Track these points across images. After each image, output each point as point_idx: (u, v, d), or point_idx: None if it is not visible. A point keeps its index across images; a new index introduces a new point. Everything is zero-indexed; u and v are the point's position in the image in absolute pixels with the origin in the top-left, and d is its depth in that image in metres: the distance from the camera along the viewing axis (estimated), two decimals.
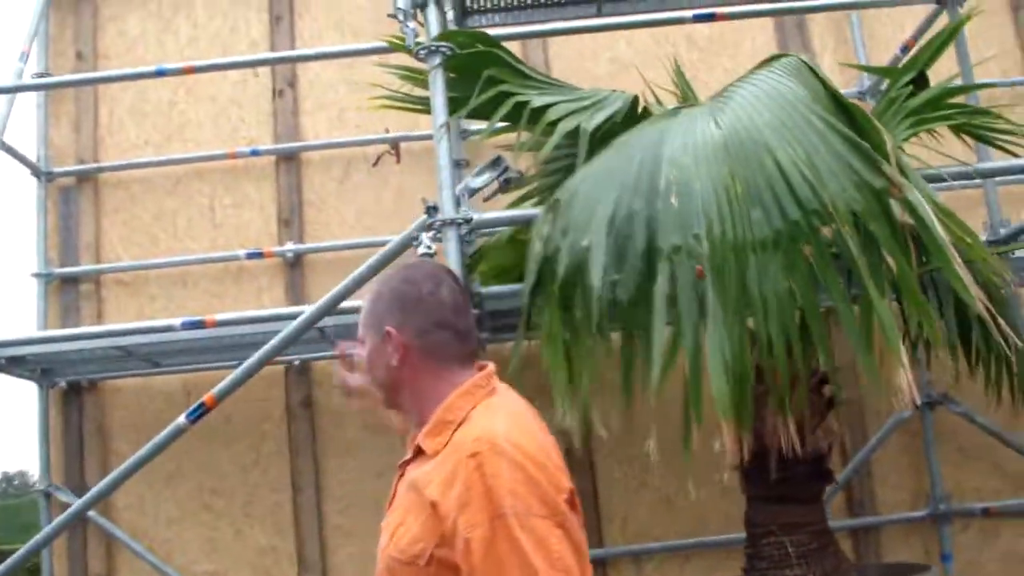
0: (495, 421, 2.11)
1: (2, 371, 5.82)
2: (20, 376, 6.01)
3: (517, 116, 4.31)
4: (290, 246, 6.30)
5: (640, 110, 4.48)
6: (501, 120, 4.35)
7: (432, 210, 4.16)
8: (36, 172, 6.37)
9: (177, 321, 5.20)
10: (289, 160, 6.48)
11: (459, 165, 5.56)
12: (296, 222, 6.38)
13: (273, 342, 4.58)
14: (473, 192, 4.19)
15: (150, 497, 6.10)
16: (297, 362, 6.16)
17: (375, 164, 6.43)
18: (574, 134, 4.21)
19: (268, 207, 6.46)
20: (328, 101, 6.58)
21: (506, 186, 4.17)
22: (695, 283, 3.09)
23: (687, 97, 4.83)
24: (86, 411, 6.26)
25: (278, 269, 6.37)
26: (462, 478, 1.99)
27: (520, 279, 4.81)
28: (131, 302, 6.36)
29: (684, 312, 3.10)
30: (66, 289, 6.37)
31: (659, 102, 4.76)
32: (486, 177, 4.15)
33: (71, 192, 6.48)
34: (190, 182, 6.50)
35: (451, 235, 4.09)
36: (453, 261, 4.14)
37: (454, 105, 4.39)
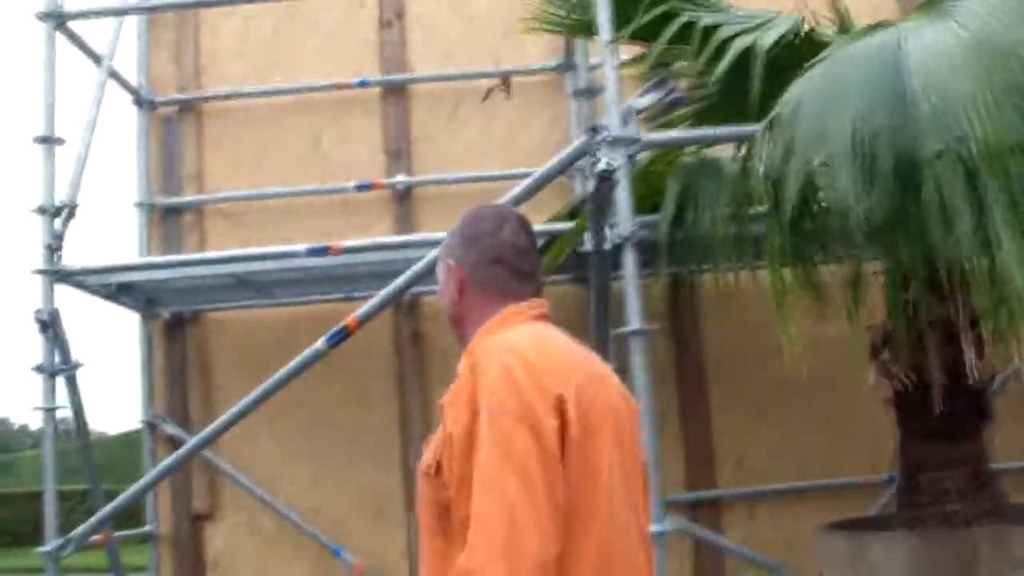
0: (512, 333, 2.14)
1: (109, 299, 5.73)
2: (124, 305, 5.91)
3: (683, 37, 4.18)
4: (401, 178, 6.17)
5: (803, 33, 4.34)
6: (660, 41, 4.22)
7: (594, 130, 4.02)
8: (139, 100, 6.25)
9: (301, 247, 5.11)
10: (397, 93, 6.35)
11: (591, 94, 5.45)
12: (405, 155, 6.26)
13: (418, 265, 4.49)
14: (638, 112, 4.07)
15: (255, 433, 5.98)
16: (407, 296, 6.05)
17: (485, 98, 6.28)
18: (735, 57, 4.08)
19: (375, 140, 6.33)
20: (436, 34, 6.43)
21: (672, 107, 4.04)
22: (968, 187, 2.99)
23: (845, 24, 4.68)
24: (189, 343, 6.17)
25: (386, 202, 6.25)
26: (459, 379, 2.04)
27: (652, 211, 4.74)
28: (234, 234, 6.23)
29: (960, 218, 2.98)
30: (168, 219, 6.27)
31: (818, 24, 4.61)
32: (651, 97, 4.05)
33: (173, 122, 6.37)
34: (295, 113, 6.37)
35: (619, 153, 3.94)
36: (622, 180, 4.01)
37: (615, 25, 4.26)
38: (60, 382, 5.16)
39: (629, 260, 3.88)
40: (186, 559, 6.04)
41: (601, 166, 3.76)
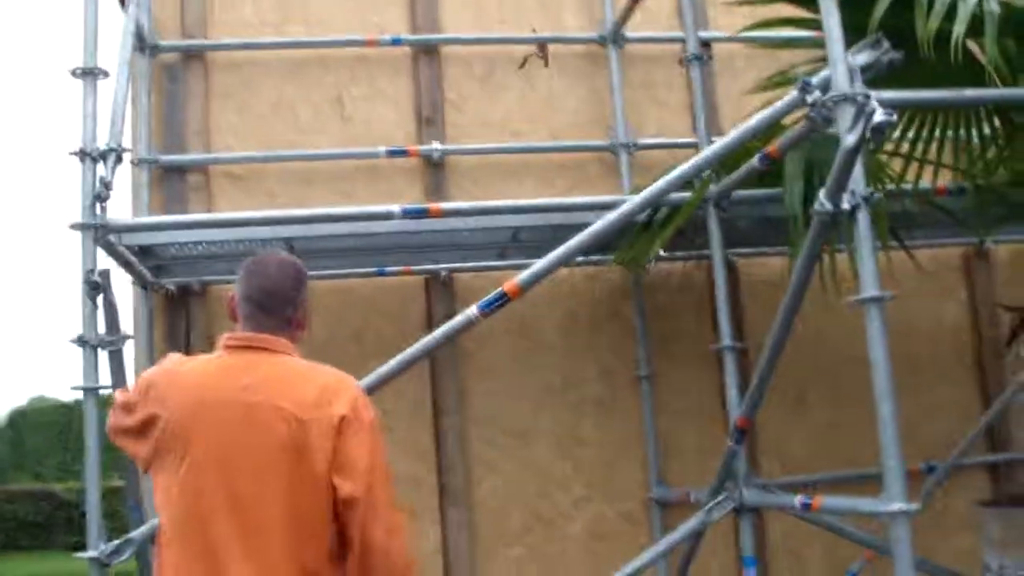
0: (194, 359, 2.82)
1: (125, 266, 5.00)
2: (136, 274, 5.19)
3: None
4: (436, 146, 5.68)
5: None
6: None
7: (807, 86, 3.71)
8: (141, 44, 5.52)
9: (396, 207, 4.61)
10: (429, 54, 5.86)
11: (700, 59, 5.17)
12: (438, 121, 5.77)
13: (593, 228, 4.11)
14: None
15: None
16: (444, 273, 5.59)
17: (522, 66, 5.89)
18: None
19: (403, 103, 5.83)
20: None
21: (888, 67, 3.78)
22: None
23: None
24: (193, 317, 5.48)
25: (416, 170, 5.75)
26: None
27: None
28: (246, 198, 5.60)
29: None
30: (170, 179, 5.56)
31: None
32: (867, 55, 3.76)
33: (177, 71, 5.67)
34: (313, 69, 5.79)
35: (846, 112, 3.61)
36: (849, 140, 3.66)
37: None
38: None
39: (864, 223, 3.60)
40: None
41: (879, 118, 3.41)
